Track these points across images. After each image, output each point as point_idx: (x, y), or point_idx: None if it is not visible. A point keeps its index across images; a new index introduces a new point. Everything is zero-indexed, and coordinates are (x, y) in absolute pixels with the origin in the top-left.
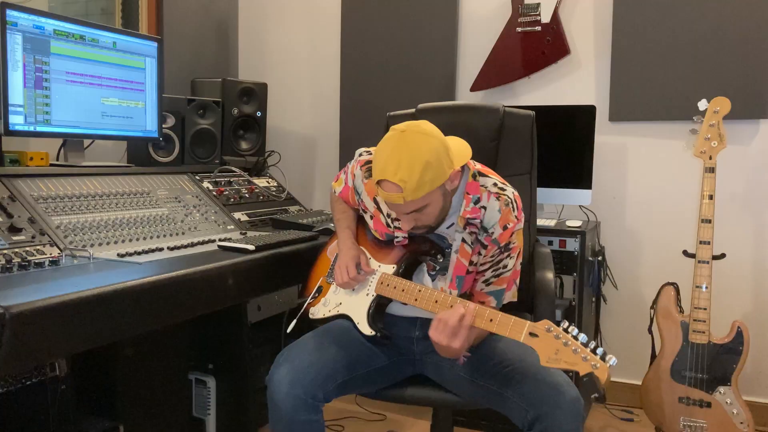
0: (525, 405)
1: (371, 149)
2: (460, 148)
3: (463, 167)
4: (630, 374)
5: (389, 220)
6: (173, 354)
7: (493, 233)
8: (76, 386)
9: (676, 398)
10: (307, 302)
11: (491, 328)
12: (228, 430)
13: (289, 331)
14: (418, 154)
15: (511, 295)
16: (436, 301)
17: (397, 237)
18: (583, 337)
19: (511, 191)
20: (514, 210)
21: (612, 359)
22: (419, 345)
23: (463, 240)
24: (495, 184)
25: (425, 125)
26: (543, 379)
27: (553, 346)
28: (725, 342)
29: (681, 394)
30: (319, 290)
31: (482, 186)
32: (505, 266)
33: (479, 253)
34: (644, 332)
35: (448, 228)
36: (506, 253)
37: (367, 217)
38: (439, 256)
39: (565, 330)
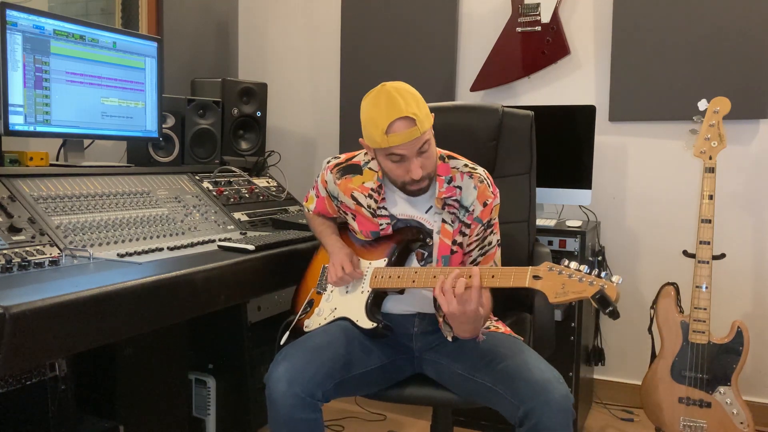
0: (516, 401)
1: (338, 155)
2: None
3: None
4: (630, 374)
5: (372, 210)
6: (173, 354)
7: (473, 210)
8: (76, 386)
9: (676, 398)
10: (297, 317)
11: (495, 284)
12: (228, 430)
13: (282, 343)
14: (411, 92)
15: None
16: (435, 276)
17: (381, 225)
18: (585, 267)
19: (482, 170)
20: (489, 186)
21: (619, 279)
22: (418, 342)
23: (444, 220)
24: (465, 165)
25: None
26: (533, 375)
27: (559, 282)
28: (725, 342)
29: (681, 394)
30: (311, 303)
31: (453, 167)
32: (489, 243)
33: (463, 233)
34: (644, 332)
35: (426, 213)
36: (489, 230)
37: (349, 219)
38: (428, 240)
39: (566, 266)
